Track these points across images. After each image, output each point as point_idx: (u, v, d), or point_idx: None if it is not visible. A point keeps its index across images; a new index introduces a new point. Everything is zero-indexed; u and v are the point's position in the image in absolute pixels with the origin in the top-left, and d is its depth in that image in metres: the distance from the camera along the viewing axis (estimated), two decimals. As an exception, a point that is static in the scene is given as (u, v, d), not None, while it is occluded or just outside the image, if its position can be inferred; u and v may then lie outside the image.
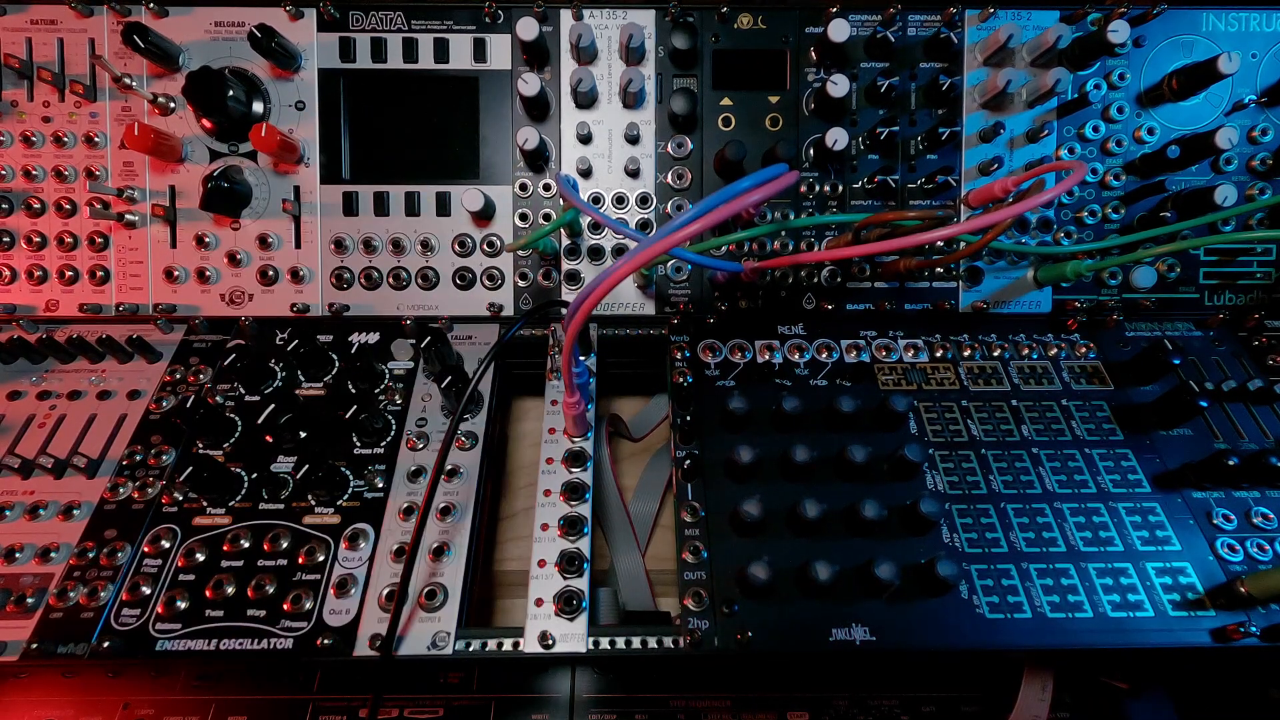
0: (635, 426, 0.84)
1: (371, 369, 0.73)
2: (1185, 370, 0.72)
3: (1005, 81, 0.74)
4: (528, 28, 0.73)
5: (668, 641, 0.57)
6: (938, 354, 0.74)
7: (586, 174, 0.79)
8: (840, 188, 0.79)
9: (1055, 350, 0.74)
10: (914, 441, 0.65)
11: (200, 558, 0.61)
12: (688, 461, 0.65)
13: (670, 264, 0.79)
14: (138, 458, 0.67)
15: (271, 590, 0.59)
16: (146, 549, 0.61)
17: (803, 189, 0.79)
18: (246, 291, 0.79)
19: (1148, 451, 0.67)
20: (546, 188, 0.79)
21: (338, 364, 0.75)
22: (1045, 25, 0.77)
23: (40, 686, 0.69)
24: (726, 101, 0.79)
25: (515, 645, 0.57)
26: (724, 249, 0.78)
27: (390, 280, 0.79)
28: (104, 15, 0.77)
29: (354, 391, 0.72)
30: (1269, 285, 0.80)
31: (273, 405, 0.68)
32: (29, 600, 0.58)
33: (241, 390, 0.72)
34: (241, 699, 0.66)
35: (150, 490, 0.65)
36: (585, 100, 0.78)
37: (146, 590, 0.59)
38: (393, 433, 0.69)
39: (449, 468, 0.66)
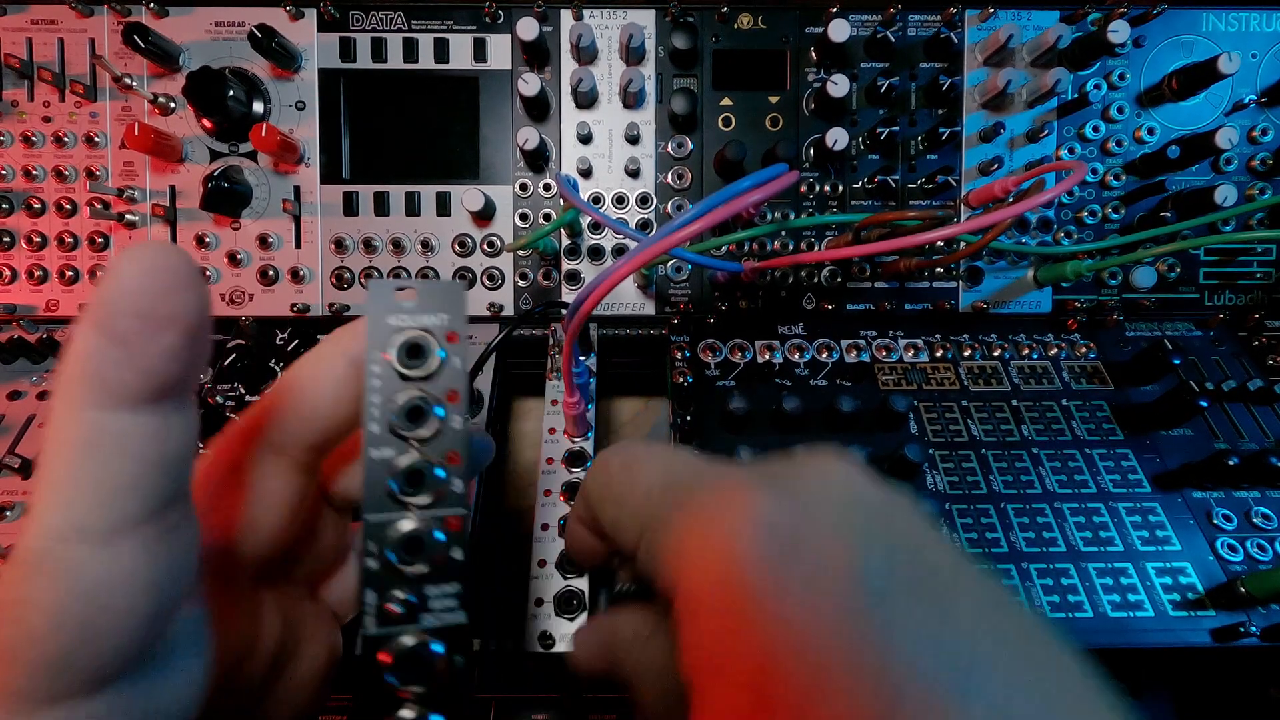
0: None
1: (372, 369, 0.73)
2: (1185, 370, 0.72)
3: (1005, 81, 0.74)
4: (528, 28, 0.73)
5: (668, 641, 0.57)
6: (938, 354, 0.74)
7: (586, 174, 0.79)
8: (840, 188, 0.79)
9: (1055, 350, 0.74)
10: (914, 441, 0.65)
11: (200, 558, 0.60)
12: (688, 461, 0.65)
13: (670, 264, 0.79)
14: (138, 458, 0.67)
15: (271, 590, 0.59)
16: (147, 549, 0.61)
17: (803, 189, 0.79)
18: (247, 291, 0.79)
19: (1148, 451, 0.67)
20: (546, 188, 0.79)
21: (338, 364, 0.74)
22: (1045, 25, 0.77)
23: (40, 686, 0.69)
24: (726, 101, 0.80)
25: (515, 645, 0.57)
26: (724, 249, 0.78)
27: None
28: (104, 15, 0.77)
29: (354, 391, 0.72)
30: (1269, 285, 0.80)
31: (273, 405, 0.68)
32: (29, 600, 0.58)
33: (242, 390, 0.72)
34: (241, 699, 0.66)
35: (150, 490, 0.64)
36: (585, 100, 0.78)
37: (147, 590, 0.58)
38: (393, 433, 0.69)
39: (449, 468, 0.66)
